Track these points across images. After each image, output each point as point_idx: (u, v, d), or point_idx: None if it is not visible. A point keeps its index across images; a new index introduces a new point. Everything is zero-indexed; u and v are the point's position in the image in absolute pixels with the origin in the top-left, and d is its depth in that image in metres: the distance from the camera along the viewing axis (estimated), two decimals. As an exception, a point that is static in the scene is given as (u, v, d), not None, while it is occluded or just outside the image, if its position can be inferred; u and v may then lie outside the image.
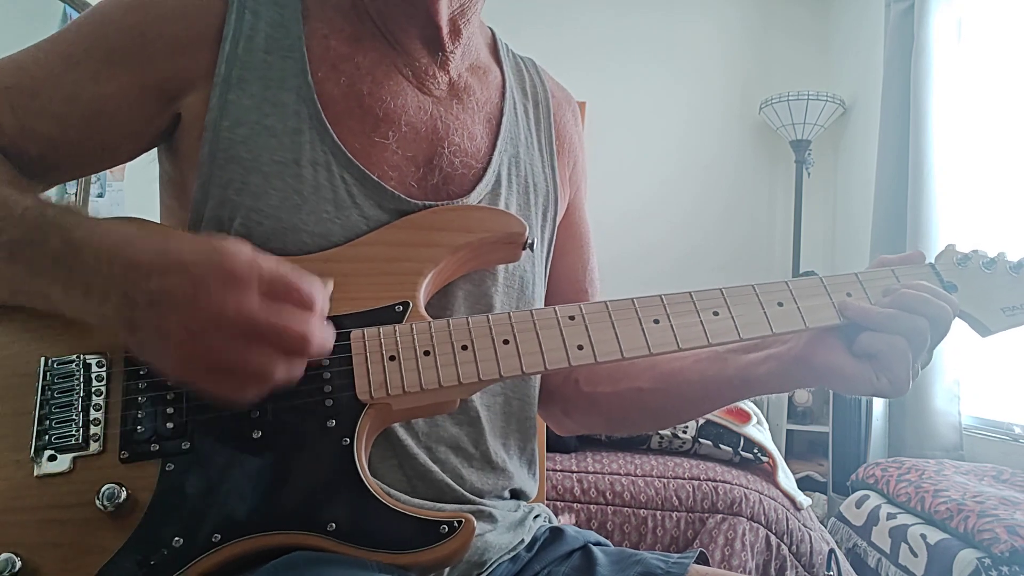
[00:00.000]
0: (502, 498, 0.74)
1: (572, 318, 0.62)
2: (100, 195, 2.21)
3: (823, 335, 0.66)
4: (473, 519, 0.54)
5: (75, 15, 1.95)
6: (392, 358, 0.58)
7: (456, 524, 0.54)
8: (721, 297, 0.65)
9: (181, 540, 0.52)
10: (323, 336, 0.52)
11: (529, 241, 0.69)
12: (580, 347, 0.61)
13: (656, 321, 0.63)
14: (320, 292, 0.52)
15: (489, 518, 0.70)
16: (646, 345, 0.62)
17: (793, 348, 0.68)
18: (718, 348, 0.72)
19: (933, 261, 0.72)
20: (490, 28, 0.84)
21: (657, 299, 0.64)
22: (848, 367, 0.64)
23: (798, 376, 0.68)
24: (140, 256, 0.51)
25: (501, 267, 0.73)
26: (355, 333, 0.59)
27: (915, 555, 1.68)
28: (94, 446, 0.54)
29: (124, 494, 0.52)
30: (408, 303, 0.61)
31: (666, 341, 0.62)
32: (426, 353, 0.59)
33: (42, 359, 0.57)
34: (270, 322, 0.49)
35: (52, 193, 0.68)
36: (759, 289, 0.66)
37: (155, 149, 0.72)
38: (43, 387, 0.56)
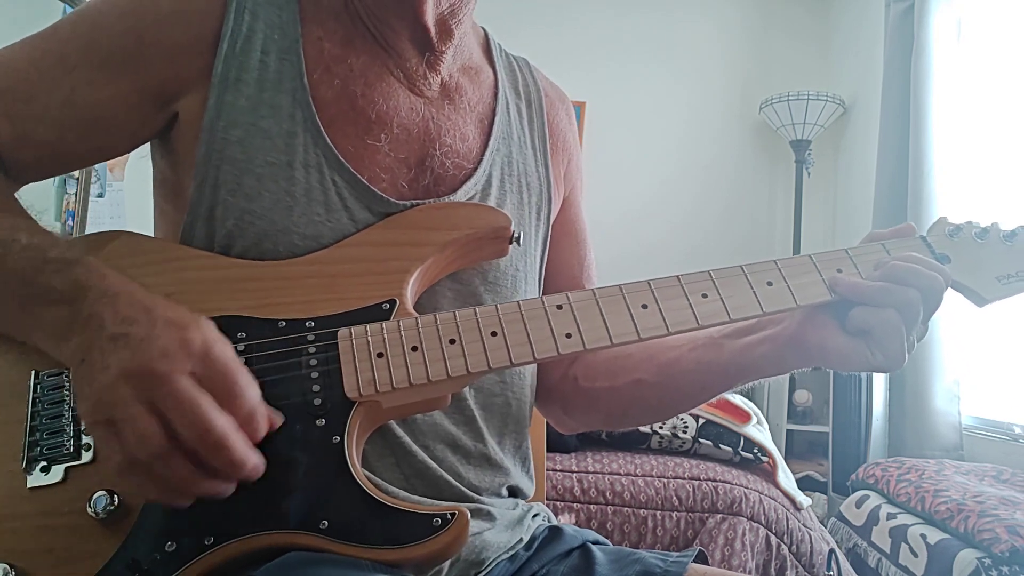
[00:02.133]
0: (500, 496, 0.74)
1: (560, 307, 0.62)
2: (100, 195, 2.21)
3: (815, 314, 0.66)
4: (467, 511, 0.54)
5: (75, 15, 1.95)
6: (380, 355, 0.58)
7: (449, 516, 0.53)
8: (710, 279, 0.64)
9: (174, 544, 0.52)
10: (227, 438, 0.48)
11: (516, 235, 0.69)
12: (568, 335, 0.61)
13: (644, 306, 0.62)
14: (250, 401, 0.51)
15: (487, 516, 0.70)
16: (635, 330, 0.61)
17: (787, 329, 0.67)
18: (713, 334, 0.72)
19: (924, 233, 0.71)
20: (483, 28, 0.84)
21: (644, 284, 0.63)
22: (842, 344, 0.63)
23: (793, 357, 0.67)
24: (129, 309, 0.51)
25: (491, 266, 0.73)
26: (342, 332, 0.59)
27: (915, 555, 1.68)
28: (86, 455, 0.55)
29: (116, 501, 0.52)
30: (395, 301, 0.61)
31: (655, 325, 0.62)
32: (414, 349, 0.58)
33: (33, 372, 0.58)
34: (176, 396, 0.48)
35: (52, 192, 0.69)
36: (747, 270, 0.65)
37: (149, 152, 0.72)
38: (34, 399, 0.56)
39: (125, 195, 2.27)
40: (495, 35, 0.85)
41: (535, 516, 0.77)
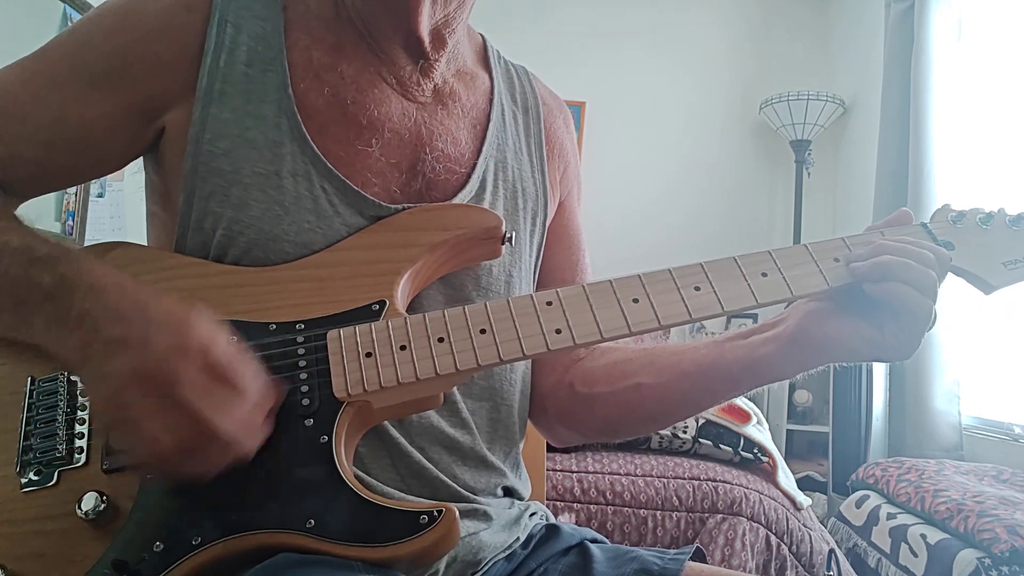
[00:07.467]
0: (496, 496, 0.74)
1: (549, 303, 0.61)
2: (100, 195, 2.21)
3: (817, 307, 0.65)
4: (454, 508, 0.54)
5: (76, 15, 1.96)
6: (368, 355, 0.58)
7: (436, 514, 0.53)
8: (702, 272, 0.63)
9: (162, 545, 0.52)
10: (239, 422, 0.52)
11: (508, 235, 0.68)
12: (558, 331, 0.60)
13: (635, 300, 0.61)
14: (256, 387, 0.53)
15: (484, 517, 0.69)
16: (626, 325, 0.60)
17: (789, 326, 0.66)
18: (717, 338, 0.71)
19: (926, 221, 0.69)
20: (481, 35, 0.84)
21: (635, 278, 0.62)
22: (850, 327, 0.62)
23: (798, 353, 0.66)
24: (120, 304, 0.53)
25: (484, 271, 0.72)
26: (331, 333, 0.59)
27: (915, 555, 1.68)
28: (78, 459, 0.56)
29: (104, 503, 0.53)
30: (385, 302, 0.61)
31: (647, 319, 0.61)
32: (402, 348, 0.58)
33: (29, 378, 0.59)
34: (187, 396, 0.50)
35: (51, 195, 0.70)
36: (741, 261, 0.64)
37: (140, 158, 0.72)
38: (29, 405, 0.57)
39: (125, 195, 2.27)
40: (493, 37, 0.84)
41: (532, 515, 0.77)
